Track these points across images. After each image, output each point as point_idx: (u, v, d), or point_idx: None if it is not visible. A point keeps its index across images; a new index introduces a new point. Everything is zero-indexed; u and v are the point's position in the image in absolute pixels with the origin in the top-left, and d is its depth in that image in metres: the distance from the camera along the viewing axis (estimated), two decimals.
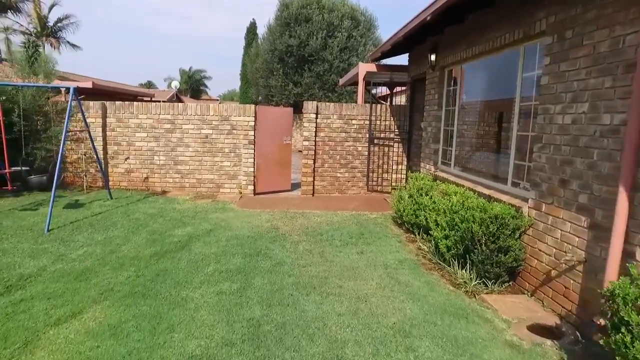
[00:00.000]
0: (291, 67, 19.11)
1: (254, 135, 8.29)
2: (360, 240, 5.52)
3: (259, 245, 5.14)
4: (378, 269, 4.48)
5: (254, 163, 8.38)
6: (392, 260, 4.78)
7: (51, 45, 21.65)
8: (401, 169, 8.67)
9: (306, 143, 8.36)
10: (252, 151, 8.30)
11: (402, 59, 8.87)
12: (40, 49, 20.54)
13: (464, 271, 4.15)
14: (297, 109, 10.72)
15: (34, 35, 20.51)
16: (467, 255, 4.17)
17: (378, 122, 8.49)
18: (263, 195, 8.46)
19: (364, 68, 9.07)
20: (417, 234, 5.69)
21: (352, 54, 18.52)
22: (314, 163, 8.46)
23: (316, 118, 8.32)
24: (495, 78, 5.57)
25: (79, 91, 7.01)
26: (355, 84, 12.08)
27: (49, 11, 21.34)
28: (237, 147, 8.32)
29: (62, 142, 5.90)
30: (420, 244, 5.32)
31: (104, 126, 8.18)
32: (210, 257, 4.65)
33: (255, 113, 8.27)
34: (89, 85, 13.19)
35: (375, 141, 8.56)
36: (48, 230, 5.33)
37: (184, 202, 7.51)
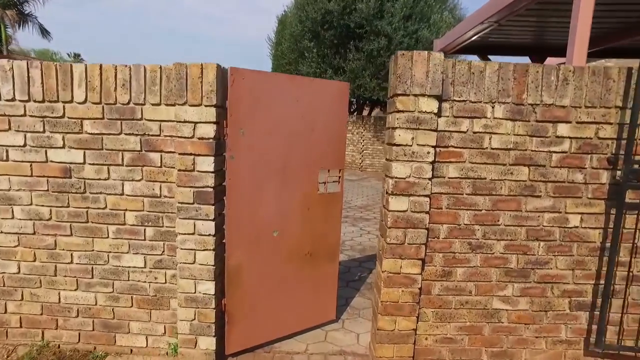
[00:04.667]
0: (330, 45, 13.16)
1: (215, 172, 2.45)
2: None
3: None
4: None
5: (215, 264, 2.51)
6: None
7: (10, 19, 16.89)
8: None
9: (396, 205, 2.36)
10: (211, 223, 2.44)
11: None
12: None
13: None
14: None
15: None
16: None
17: None
18: None
19: None
20: None
21: (423, 26, 12.37)
22: (423, 265, 2.48)
23: (438, 115, 2.35)
24: None
25: None
26: (496, 49, 5.62)
27: None
28: (162, 207, 2.51)
29: None
30: None
31: None
32: None
33: (227, 93, 2.41)
34: None
35: (633, 197, 2.47)
36: None
37: None
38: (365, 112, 16.52)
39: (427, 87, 2.27)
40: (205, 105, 2.32)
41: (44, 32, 18.48)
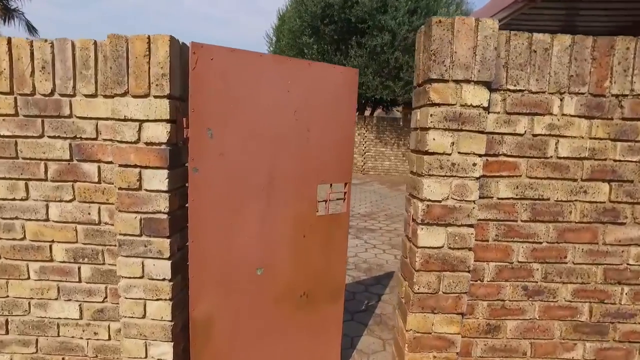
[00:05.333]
0: (330, 41, 12.47)
1: (171, 191, 1.75)
2: None
3: None
4: None
5: (172, 319, 1.81)
6: None
7: None
8: None
9: (428, 239, 1.67)
10: (166, 263, 1.74)
11: None
12: None
13: None
14: None
15: None
16: None
17: None
18: None
19: None
20: None
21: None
22: (462, 320, 1.79)
23: (487, 110, 1.66)
24: None
25: None
26: None
27: None
28: (102, 239, 1.81)
29: None
30: None
31: None
32: None
33: (189, 79, 1.72)
34: None
35: None
36: None
37: None
38: (367, 112, 15.84)
39: (475, 69, 1.58)
40: (155, 96, 1.63)
41: (31, 29, 17.78)
